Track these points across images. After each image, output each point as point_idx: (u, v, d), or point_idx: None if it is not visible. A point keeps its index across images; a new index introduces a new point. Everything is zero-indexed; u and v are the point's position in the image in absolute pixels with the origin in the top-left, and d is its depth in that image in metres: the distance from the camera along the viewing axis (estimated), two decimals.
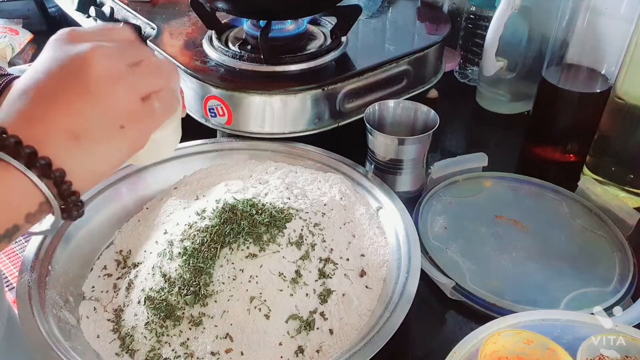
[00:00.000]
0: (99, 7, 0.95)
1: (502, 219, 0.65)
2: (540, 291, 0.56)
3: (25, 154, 0.32)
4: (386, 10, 0.93)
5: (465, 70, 0.94)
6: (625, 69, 0.61)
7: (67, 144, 0.33)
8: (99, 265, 0.58)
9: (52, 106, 0.33)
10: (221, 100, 0.69)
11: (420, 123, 0.69)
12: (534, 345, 0.43)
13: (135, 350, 0.49)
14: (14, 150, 0.32)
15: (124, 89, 0.35)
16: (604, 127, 0.66)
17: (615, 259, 0.60)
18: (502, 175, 0.71)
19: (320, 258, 0.54)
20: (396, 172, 0.67)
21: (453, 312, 0.56)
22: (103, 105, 0.34)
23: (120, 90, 0.35)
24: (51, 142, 0.33)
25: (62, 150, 0.33)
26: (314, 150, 0.69)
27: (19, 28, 1.07)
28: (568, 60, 0.68)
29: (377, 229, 0.60)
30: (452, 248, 0.61)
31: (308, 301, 0.51)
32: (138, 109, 0.36)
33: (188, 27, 0.84)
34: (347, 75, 0.72)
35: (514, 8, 0.75)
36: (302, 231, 0.54)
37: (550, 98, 0.70)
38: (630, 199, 0.66)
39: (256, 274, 0.50)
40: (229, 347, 0.48)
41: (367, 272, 0.55)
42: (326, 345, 0.49)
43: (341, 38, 0.78)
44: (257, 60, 0.72)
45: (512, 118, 0.86)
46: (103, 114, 0.34)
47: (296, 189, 0.61)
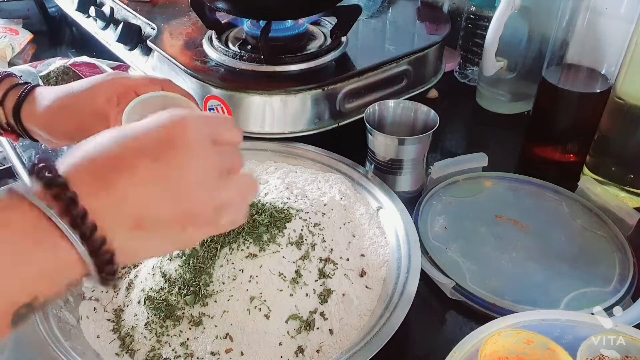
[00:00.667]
0: (99, 7, 0.95)
1: (502, 219, 0.65)
2: (540, 291, 0.56)
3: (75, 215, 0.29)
4: (386, 10, 0.93)
5: (465, 70, 0.94)
6: (625, 69, 0.61)
7: (127, 229, 0.31)
8: None
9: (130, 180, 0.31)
10: (221, 100, 0.69)
11: (420, 123, 0.69)
12: (534, 345, 0.43)
13: (135, 350, 0.49)
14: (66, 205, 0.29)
15: (208, 196, 0.34)
16: (604, 127, 0.66)
17: (615, 259, 0.60)
18: (502, 175, 0.71)
19: (320, 258, 0.54)
20: (396, 172, 0.67)
21: (453, 312, 0.56)
22: (182, 203, 0.33)
23: (204, 197, 0.34)
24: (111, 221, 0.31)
25: (119, 233, 0.31)
26: (314, 150, 0.69)
27: (19, 28, 1.07)
28: (568, 60, 0.68)
29: (377, 229, 0.60)
30: (452, 248, 0.61)
31: (308, 301, 0.51)
32: (208, 217, 0.35)
33: (188, 27, 0.84)
34: (347, 75, 0.72)
35: (514, 8, 0.75)
36: (302, 231, 0.54)
37: (550, 98, 0.70)
38: (630, 199, 0.66)
39: (256, 274, 0.50)
40: (229, 347, 0.48)
41: (367, 272, 0.55)
42: (326, 345, 0.49)
43: (341, 38, 0.78)
44: (257, 60, 0.72)
45: (512, 118, 0.86)
46: (177, 211, 0.33)
47: (296, 189, 0.61)
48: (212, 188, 0.34)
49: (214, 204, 0.35)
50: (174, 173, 0.32)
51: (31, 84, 0.55)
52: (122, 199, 0.31)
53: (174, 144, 0.33)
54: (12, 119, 0.53)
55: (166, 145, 0.32)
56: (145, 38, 0.84)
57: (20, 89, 0.54)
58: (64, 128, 0.52)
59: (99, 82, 0.53)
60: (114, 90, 0.52)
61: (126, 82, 0.53)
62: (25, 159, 0.77)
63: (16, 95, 0.53)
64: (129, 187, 0.31)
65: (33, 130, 0.54)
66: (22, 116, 0.53)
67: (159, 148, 0.32)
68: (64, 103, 0.52)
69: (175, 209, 0.33)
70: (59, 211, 0.29)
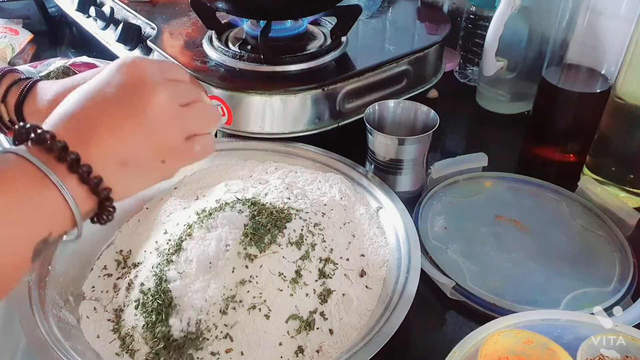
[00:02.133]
0: (99, 7, 0.95)
1: (502, 219, 0.65)
2: (540, 291, 0.56)
3: (70, 160, 0.34)
4: (386, 10, 0.93)
5: (465, 70, 0.94)
6: (625, 69, 0.61)
7: (116, 170, 0.36)
8: (99, 265, 0.58)
9: (110, 131, 0.36)
10: (221, 100, 0.69)
11: (420, 123, 0.69)
12: (534, 345, 0.43)
13: (135, 350, 0.49)
14: (59, 154, 0.34)
15: (176, 128, 0.39)
16: (604, 127, 0.66)
17: (615, 259, 0.60)
18: (502, 175, 0.71)
19: (320, 258, 0.54)
20: (396, 172, 0.67)
21: (453, 312, 0.56)
22: (155, 139, 0.38)
23: (172, 129, 0.39)
24: (102, 166, 0.35)
25: (110, 174, 0.36)
26: (314, 150, 0.69)
27: (19, 28, 1.07)
28: (568, 60, 0.68)
29: (377, 229, 0.60)
30: (452, 248, 0.61)
31: (308, 301, 0.51)
32: (180, 147, 0.40)
33: (188, 27, 0.84)
34: (347, 75, 0.72)
35: (514, 8, 0.75)
36: (302, 231, 0.54)
37: (550, 98, 0.70)
38: (630, 199, 0.66)
39: (256, 274, 0.50)
40: (229, 347, 0.48)
41: (367, 272, 0.55)
42: (326, 345, 0.49)
43: (341, 38, 0.78)
44: (257, 60, 0.72)
45: (512, 118, 0.86)
46: (153, 147, 0.38)
47: (296, 189, 0.61)
48: (177, 118, 0.39)
49: (183, 133, 0.40)
50: (141, 111, 0.37)
51: (33, 79, 0.55)
52: (105, 146, 0.36)
53: (133, 85, 0.37)
54: (14, 116, 0.53)
55: (128, 88, 0.37)
56: (145, 38, 0.84)
57: (22, 85, 0.54)
58: None
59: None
60: None
61: None
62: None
63: (18, 91, 0.53)
64: (108, 133, 0.36)
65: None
66: (24, 112, 0.53)
67: (123, 92, 0.37)
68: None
69: (150, 143, 0.37)
70: (54, 160, 0.34)
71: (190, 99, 0.41)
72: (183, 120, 0.39)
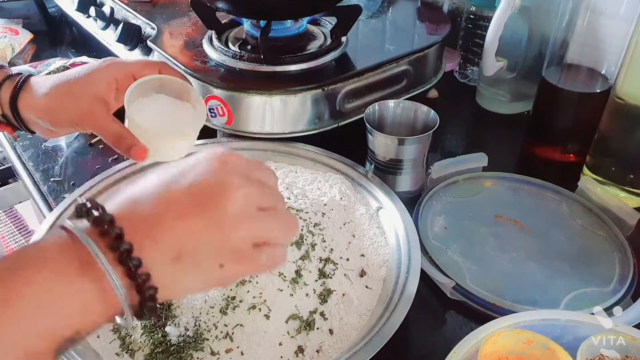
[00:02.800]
0: (99, 7, 0.95)
1: (502, 219, 0.65)
2: (540, 291, 0.56)
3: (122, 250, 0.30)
4: (386, 10, 0.93)
5: (465, 70, 0.94)
6: (625, 69, 0.61)
7: (168, 265, 0.32)
8: None
9: (172, 225, 0.32)
10: (221, 100, 0.69)
11: (420, 123, 0.69)
12: (534, 345, 0.43)
13: (135, 350, 0.49)
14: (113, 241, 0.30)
15: (246, 232, 0.34)
16: (604, 127, 0.66)
17: (615, 259, 0.60)
18: (502, 175, 0.71)
19: (320, 258, 0.54)
20: (396, 172, 0.67)
21: (453, 312, 0.56)
22: (220, 239, 0.33)
23: (242, 232, 0.34)
24: (154, 255, 0.32)
25: (160, 270, 0.32)
26: (314, 150, 0.69)
27: (19, 28, 1.07)
28: (568, 60, 0.68)
29: (377, 229, 0.60)
30: (452, 248, 0.61)
31: (308, 301, 0.51)
32: (245, 253, 0.35)
33: (188, 27, 0.84)
34: (347, 75, 0.72)
35: (514, 8, 0.75)
36: (302, 231, 0.54)
37: (550, 98, 0.70)
38: (630, 199, 0.66)
39: (256, 274, 0.50)
40: (229, 347, 0.48)
41: (367, 272, 0.55)
42: (326, 345, 0.49)
43: (341, 38, 0.78)
44: (257, 60, 0.72)
45: (512, 118, 0.86)
46: (215, 247, 0.33)
47: (296, 189, 0.61)
48: (250, 221, 0.34)
49: (253, 239, 0.35)
50: (213, 207, 0.33)
51: (24, 74, 0.55)
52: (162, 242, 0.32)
53: (214, 183, 0.34)
54: (8, 110, 0.53)
55: (208, 196, 0.33)
56: (145, 38, 0.84)
57: (15, 80, 0.53)
58: (65, 114, 0.52)
59: (97, 68, 0.53)
60: (113, 75, 0.53)
61: (124, 67, 0.54)
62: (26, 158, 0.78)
63: (11, 85, 0.53)
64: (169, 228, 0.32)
65: (32, 120, 0.54)
66: (19, 106, 0.53)
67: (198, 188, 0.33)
68: (63, 89, 0.52)
69: (214, 241, 0.33)
70: (105, 246, 0.30)
71: (270, 204, 0.36)
72: (256, 224, 0.35)
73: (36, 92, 0.53)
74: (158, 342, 0.48)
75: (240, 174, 0.35)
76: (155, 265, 0.31)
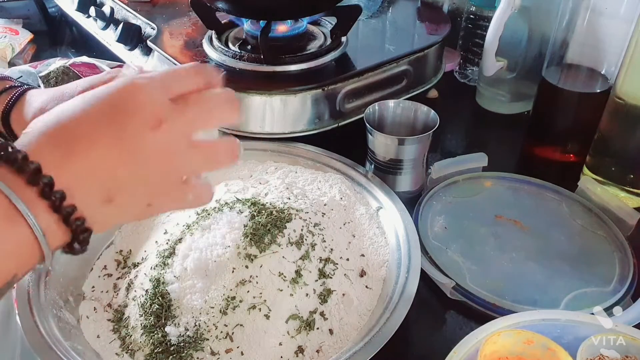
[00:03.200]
0: (99, 7, 0.95)
1: (502, 219, 0.65)
2: (540, 291, 0.56)
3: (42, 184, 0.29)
4: (386, 10, 0.93)
5: (465, 70, 0.94)
6: (625, 69, 0.61)
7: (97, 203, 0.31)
8: (99, 265, 0.58)
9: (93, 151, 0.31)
10: None
11: (420, 123, 0.69)
12: (534, 345, 0.43)
13: (135, 351, 0.49)
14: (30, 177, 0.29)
15: (166, 166, 0.33)
16: (604, 127, 0.66)
17: (615, 259, 0.60)
18: (502, 175, 0.71)
19: (320, 258, 0.54)
20: (396, 172, 0.67)
21: (453, 312, 0.56)
22: (139, 172, 0.32)
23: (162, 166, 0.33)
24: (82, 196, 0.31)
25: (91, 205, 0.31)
26: (314, 150, 0.69)
27: (19, 28, 1.07)
28: (568, 60, 0.68)
29: (377, 229, 0.60)
30: (452, 248, 0.61)
31: (308, 301, 0.51)
32: (172, 190, 0.34)
33: (188, 27, 0.84)
34: (347, 75, 0.72)
35: (514, 8, 0.75)
36: (302, 231, 0.54)
37: (550, 98, 0.70)
38: (630, 199, 0.66)
39: (256, 274, 0.50)
40: (229, 347, 0.48)
41: (367, 272, 0.55)
42: (326, 345, 0.49)
43: (341, 38, 0.78)
44: (257, 60, 0.72)
45: (512, 118, 0.86)
46: (143, 186, 0.32)
47: (296, 189, 0.61)
48: (173, 156, 0.33)
49: (177, 175, 0.34)
50: (130, 139, 0.31)
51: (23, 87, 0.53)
52: (85, 166, 0.31)
53: (125, 108, 0.32)
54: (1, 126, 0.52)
55: (118, 109, 0.32)
56: (145, 38, 0.84)
57: (10, 93, 0.52)
58: None
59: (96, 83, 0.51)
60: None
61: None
62: None
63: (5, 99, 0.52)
64: (90, 153, 0.31)
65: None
66: (11, 120, 0.52)
67: (112, 113, 0.31)
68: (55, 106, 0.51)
69: (141, 179, 0.32)
70: (24, 183, 0.29)
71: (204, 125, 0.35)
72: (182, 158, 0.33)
73: (27, 108, 0.51)
74: (158, 343, 0.48)
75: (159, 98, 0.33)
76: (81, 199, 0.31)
